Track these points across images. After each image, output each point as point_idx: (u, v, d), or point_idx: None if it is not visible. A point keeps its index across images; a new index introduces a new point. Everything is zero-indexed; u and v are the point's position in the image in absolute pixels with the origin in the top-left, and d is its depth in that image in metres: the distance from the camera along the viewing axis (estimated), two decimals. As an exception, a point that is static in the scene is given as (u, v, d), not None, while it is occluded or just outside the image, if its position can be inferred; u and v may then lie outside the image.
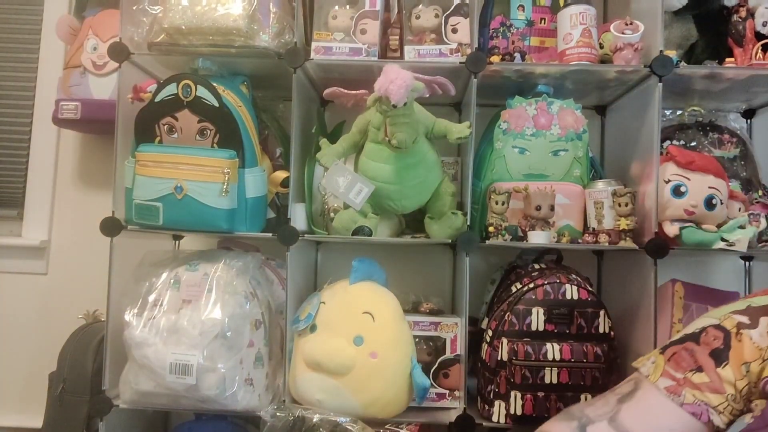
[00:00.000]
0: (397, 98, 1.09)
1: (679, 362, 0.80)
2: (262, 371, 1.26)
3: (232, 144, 1.20)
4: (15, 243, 1.67)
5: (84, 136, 1.69)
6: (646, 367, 0.83)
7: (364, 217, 1.25)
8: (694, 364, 0.79)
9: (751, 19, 1.30)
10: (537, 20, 1.43)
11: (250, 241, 1.41)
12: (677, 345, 0.82)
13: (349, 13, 1.31)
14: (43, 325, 1.65)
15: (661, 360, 0.82)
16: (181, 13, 1.20)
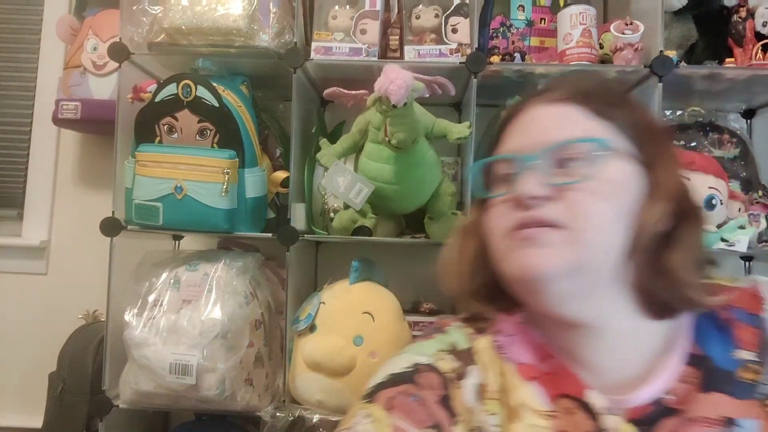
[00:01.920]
0: (397, 98, 1.08)
1: (408, 413, 0.61)
2: (262, 371, 1.26)
3: (232, 144, 1.20)
4: (15, 243, 1.67)
5: (84, 136, 1.69)
6: (362, 426, 0.60)
7: (364, 217, 1.25)
8: (429, 418, 0.61)
9: (751, 19, 1.30)
10: (537, 20, 1.43)
11: (250, 241, 1.41)
12: (390, 389, 0.63)
13: (349, 13, 1.31)
14: (43, 325, 1.65)
15: (380, 412, 0.61)
16: (181, 13, 1.20)
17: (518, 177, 0.60)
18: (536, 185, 0.59)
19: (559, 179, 0.59)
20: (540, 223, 0.58)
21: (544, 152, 0.60)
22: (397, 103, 1.10)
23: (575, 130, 0.61)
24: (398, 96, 1.08)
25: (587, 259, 0.57)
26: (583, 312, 0.60)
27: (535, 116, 0.65)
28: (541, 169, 0.59)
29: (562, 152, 0.60)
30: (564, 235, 0.57)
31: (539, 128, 0.63)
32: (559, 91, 0.65)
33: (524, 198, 0.59)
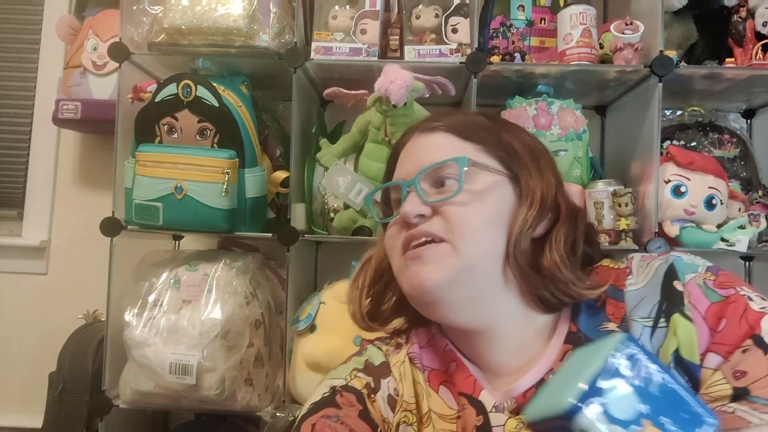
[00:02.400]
0: (397, 98, 1.09)
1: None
2: (262, 371, 1.26)
3: (232, 144, 1.20)
4: (15, 243, 1.67)
5: (84, 136, 1.69)
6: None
7: (364, 217, 1.25)
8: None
9: (751, 19, 1.30)
10: (537, 20, 1.43)
11: (250, 241, 1.41)
12: (311, 416, 0.67)
13: (349, 13, 1.31)
14: (43, 325, 1.65)
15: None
16: (181, 13, 1.20)
17: (403, 200, 0.68)
18: (416, 204, 0.65)
19: (434, 197, 0.66)
20: (424, 236, 0.64)
21: (418, 175, 0.67)
22: (397, 103, 1.10)
23: (444, 153, 0.68)
24: (398, 96, 1.08)
25: (469, 266, 0.63)
26: (476, 318, 0.66)
27: (413, 145, 0.72)
28: (419, 191, 0.66)
29: (435, 174, 0.67)
30: (446, 248, 0.63)
31: (415, 155, 0.70)
32: (433, 122, 0.72)
33: (407, 217, 0.65)
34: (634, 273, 0.65)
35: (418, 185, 0.67)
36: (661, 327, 0.60)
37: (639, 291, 0.63)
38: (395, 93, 1.08)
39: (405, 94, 1.09)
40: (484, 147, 0.69)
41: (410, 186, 0.67)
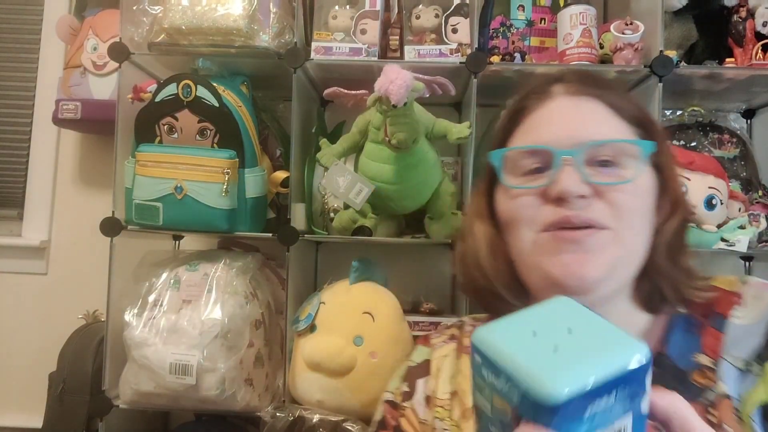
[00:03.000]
0: (397, 98, 1.08)
1: None
2: (262, 371, 1.26)
3: (232, 144, 1.20)
4: (15, 243, 1.67)
5: (84, 136, 1.69)
6: None
7: (364, 217, 1.25)
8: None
9: (751, 19, 1.30)
10: (537, 20, 1.43)
11: (250, 241, 1.41)
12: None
13: (349, 13, 1.31)
14: (43, 325, 1.65)
15: None
16: (181, 13, 1.20)
17: (554, 172, 0.59)
18: (578, 183, 0.58)
19: (599, 177, 0.58)
20: (588, 223, 0.57)
21: (583, 148, 0.58)
22: (397, 103, 1.10)
23: (605, 129, 0.61)
24: (398, 96, 1.08)
25: (627, 259, 0.58)
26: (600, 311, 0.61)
27: (562, 109, 0.63)
28: (577, 166, 0.58)
29: (598, 150, 0.59)
30: (609, 236, 0.57)
31: (569, 122, 0.61)
32: (579, 84, 0.64)
33: (567, 194, 0.57)
34: (746, 304, 0.60)
35: (580, 159, 0.58)
36: (754, 373, 0.55)
37: (745, 327, 0.58)
38: (395, 93, 1.08)
39: (405, 94, 1.09)
40: (636, 129, 0.63)
41: (567, 157, 0.59)
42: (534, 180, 0.61)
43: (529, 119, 0.65)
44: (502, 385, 0.36)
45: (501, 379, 0.36)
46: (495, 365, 0.37)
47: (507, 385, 0.36)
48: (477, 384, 0.40)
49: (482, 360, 0.38)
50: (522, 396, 0.35)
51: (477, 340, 0.39)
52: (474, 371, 0.40)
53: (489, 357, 0.37)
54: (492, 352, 0.38)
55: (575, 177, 0.58)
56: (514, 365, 0.36)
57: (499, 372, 0.37)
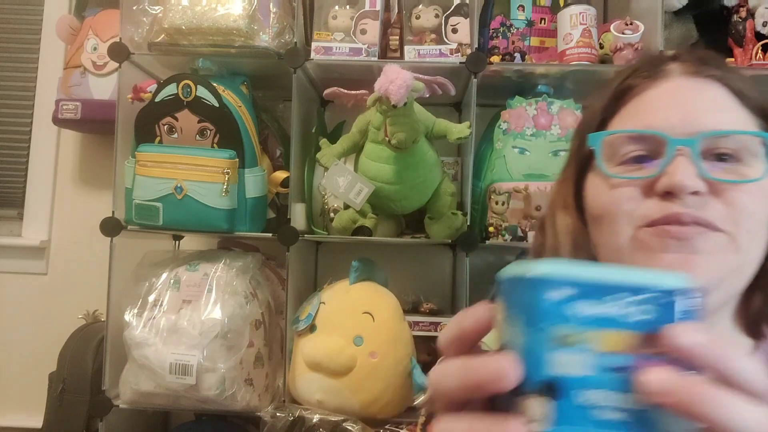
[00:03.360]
0: (397, 98, 1.08)
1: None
2: (262, 371, 1.26)
3: (232, 144, 1.20)
4: (15, 243, 1.67)
5: (84, 136, 1.68)
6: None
7: (364, 217, 1.25)
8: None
9: (751, 19, 1.30)
10: (537, 20, 1.43)
11: (250, 241, 1.41)
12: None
13: (349, 13, 1.31)
14: (43, 325, 1.65)
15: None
16: (181, 13, 1.20)
17: (664, 162, 0.51)
18: (694, 177, 0.50)
19: (722, 174, 0.51)
20: (699, 222, 0.50)
21: (700, 137, 0.51)
22: (397, 103, 1.10)
23: (729, 118, 0.53)
24: (398, 96, 1.08)
25: (741, 268, 0.52)
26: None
27: (678, 91, 0.55)
28: (693, 158, 0.51)
29: (718, 142, 0.52)
30: (723, 240, 0.50)
31: (686, 106, 0.53)
32: (699, 64, 0.56)
33: (680, 189, 0.50)
34: None
35: (698, 150, 0.51)
36: None
37: None
38: (395, 93, 1.08)
39: (405, 94, 1.09)
40: (760, 121, 0.55)
41: (682, 146, 0.51)
42: (636, 170, 0.54)
43: (636, 100, 0.56)
44: (620, 311, 0.29)
45: (616, 303, 0.29)
46: (605, 288, 0.29)
47: (633, 307, 0.29)
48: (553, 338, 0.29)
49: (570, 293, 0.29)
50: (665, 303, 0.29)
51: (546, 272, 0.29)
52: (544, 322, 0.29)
53: (588, 282, 0.29)
54: (589, 276, 0.29)
55: (690, 170, 0.50)
56: (634, 277, 0.30)
57: (612, 295, 0.29)
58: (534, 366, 0.29)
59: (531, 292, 0.29)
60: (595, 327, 0.29)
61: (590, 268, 0.30)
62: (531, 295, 0.29)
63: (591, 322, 0.29)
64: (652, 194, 0.52)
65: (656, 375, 0.28)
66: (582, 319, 0.29)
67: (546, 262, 0.30)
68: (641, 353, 0.29)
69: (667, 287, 0.30)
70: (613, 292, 0.29)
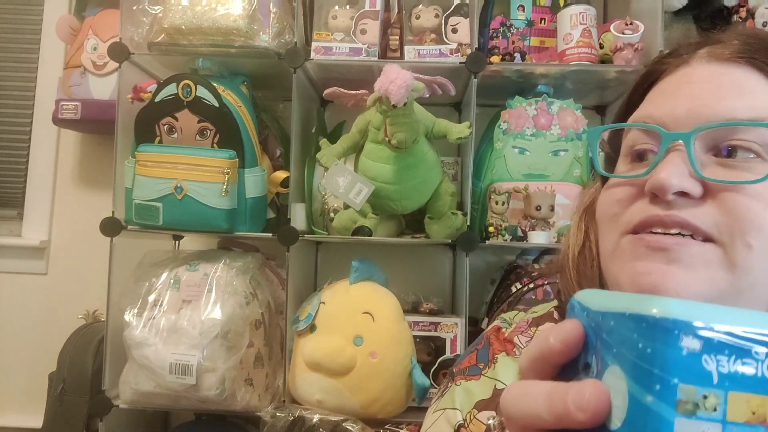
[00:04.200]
0: (397, 98, 1.08)
1: None
2: (262, 371, 1.26)
3: (232, 144, 1.20)
4: (15, 243, 1.67)
5: (84, 136, 1.69)
6: None
7: (364, 217, 1.25)
8: None
9: (751, 20, 1.30)
10: (537, 20, 1.43)
11: (250, 241, 1.41)
12: None
13: (349, 13, 1.31)
14: (43, 325, 1.65)
15: None
16: (181, 13, 1.20)
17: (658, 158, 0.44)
18: (681, 175, 0.42)
19: (713, 171, 0.43)
20: (683, 228, 0.43)
21: (697, 130, 0.43)
22: (397, 103, 1.10)
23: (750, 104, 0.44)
24: (398, 96, 1.08)
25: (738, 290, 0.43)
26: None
27: (695, 73, 0.47)
28: (692, 155, 0.43)
29: (722, 134, 0.44)
30: (713, 252, 0.42)
31: (697, 91, 0.45)
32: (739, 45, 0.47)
33: (662, 190, 0.42)
34: None
35: (692, 145, 0.43)
36: None
37: None
38: (395, 93, 1.08)
39: (405, 94, 1.09)
40: None
41: (677, 141, 0.44)
42: (637, 167, 0.47)
43: (655, 88, 0.49)
44: (760, 370, 0.23)
45: (757, 360, 0.23)
46: (745, 338, 0.23)
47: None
48: (680, 400, 0.23)
49: (709, 342, 0.23)
50: None
51: (677, 312, 0.23)
52: (677, 371, 0.23)
53: (725, 329, 0.23)
54: (742, 321, 0.23)
55: (680, 168, 0.43)
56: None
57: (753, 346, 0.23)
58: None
59: (661, 336, 0.23)
60: (733, 389, 0.23)
61: (730, 311, 0.24)
62: (660, 341, 0.23)
63: (729, 382, 0.23)
64: (641, 196, 0.45)
65: None
66: (720, 378, 0.23)
67: (678, 301, 0.24)
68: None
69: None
70: (762, 345, 0.23)
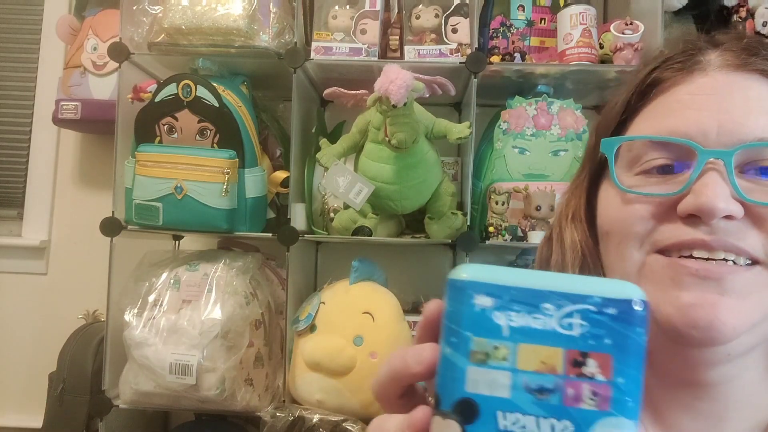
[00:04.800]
0: (397, 98, 1.08)
1: None
2: (262, 371, 1.26)
3: (232, 144, 1.20)
4: (15, 243, 1.67)
5: (84, 136, 1.68)
6: None
7: (364, 217, 1.25)
8: None
9: (751, 19, 1.30)
10: (537, 20, 1.43)
11: (250, 241, 1.41)
12: None
13: (349, 13, 1.31)
14: (43, 325, 1.65)
15: None
16: (181, 13, 1.20)
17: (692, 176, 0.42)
18: (728, 198, 0.41)
19: (755, 193, 0.42)
20: (729, 250, 0.42)
21: (738, 148, 0.42)
22: (397, 103, 1.10)
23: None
24: (398, 96, 1.08)
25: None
26: (724, 372, 0.45)
27: (715, 88, 0.44)
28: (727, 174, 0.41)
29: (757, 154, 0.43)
30: (761, 276, 0.42)
31: (723, 108, 0.43)
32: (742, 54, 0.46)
33: (710, 213, 0.41)
34: None
35: (734, 164, 0.42)
36: None
37: None
38: (395, 93, 1.08)
39: (405, 94, 1.09)
40: None
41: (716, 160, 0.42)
42: (658, 182, 0.45)
43: (664, 97, 0.46)
44: (555, 323, 0.26)
45: (552, 315, 0.26)
46: (541, 296, 0.27)
47: (569, 320, 0.26)
48: (475, 351, 0.27)
49: (499, 299, 0.27)
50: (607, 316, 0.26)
51: (475, 276, 0.27)
52: (466, 331, 0.27)
53: (522, 288, 0.27)
54: (524, 282, 0.27)
55: (723, 189, 0.41)
56: (569, 284, 0.27)
57: (548, 305, 0.26)
58: (450, 382, 0.26)
59: (456, 296, 0.27)
60: (524, 341, 0.26)
61: (528, 273, 0.27)
62: (456, 300, 0.27)
63: (521, 334, 0.26)
64: (672, 215, 0.43)
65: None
66: (511, 331, 0.26)
67: (478, 265, 0.28)
68: (571, 374, 0.26)
69: (611, 298, 0.26)
70: (550, 302, 0.26)
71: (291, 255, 1.25)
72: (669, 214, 0.43)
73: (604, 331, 0.26)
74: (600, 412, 0.26)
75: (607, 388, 0.26)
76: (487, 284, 0.27)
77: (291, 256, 1.25)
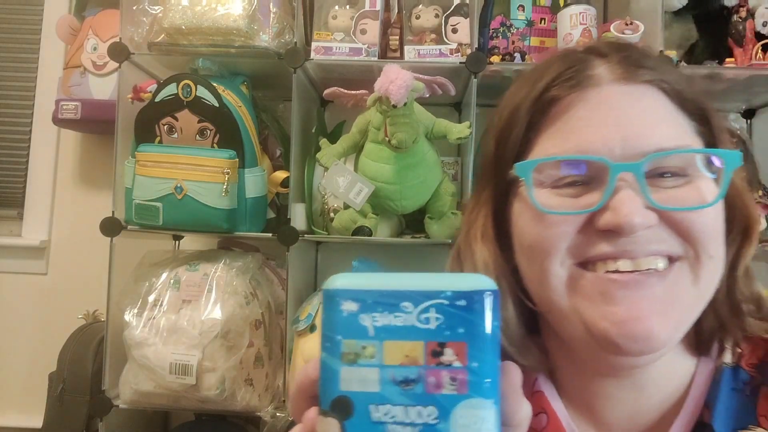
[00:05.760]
0: (397, 98, 1.08)
1: None
2: (262, 371, 1.26)
3: (232, 144, 1.20)
4: (15, 243, 1.67)
5: (84, 136, 1.68)
6: None
7: (364, 217, 1.25)
8: None
9: (751, 19, 1.30)
10: (537, 20, 1.43)
11: (250, 241, 1.41)
12: None
13: (349, 13, 1.31)
14: (43, 325, 1.65)
15: None
16: (181, 13, 1.20)
17: (606, 192, 0.44)
18: (642, 211, 0.43)
19: (661, 197, 0.44)
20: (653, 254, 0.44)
21: (645, 160, 0.44)
22: (397, 103, 1.10)
23: (672, 130, 0.46)
24: (398, 96, 1.08)
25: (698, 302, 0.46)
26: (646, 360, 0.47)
27: (611, 102, 0.47)
28: (645, 187, 0.44)
29: (663, 162, 0.45)
30: (685, 271, 0.45)
31: (623, 121, 0.46)
32: (628, 64, 0.48)
33: (632, 228, 0.43)
34: None
35: (643, 175, 0.44)
36: None
37: None
38: (395, 93, 1.08)
39: (405, 94, 1.09)
40: (696, 126, 0.48)
41: (626, 173, 0.44)
42: (572, 195, 0.46)
43: (564, 115, 0.48)
44: (412, 319, 0.29)
45: (409, 312, 0.30)
46: (399, 296, 0.30)
47: (425, 315, 0.29)
48: (346, 352, 0.30)
49: (364, 303, 0.30)
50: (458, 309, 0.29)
51: (339, 282, 0.31)
52: (340, 330, 0.30)
53: (383, 291, 0.30)
54: (384, 285, 0.30)
55: (638, 203, 0.43)
56: (426, 283, 0.31)
57: (405, 303, 0.30)
58: (328, 383, 0.29)
59: (328, 304, 0.30)
60: (388, 338, 0.29)
61: (392, 276, 0.31)
62: (328, 308, 0.30)
63: (385, 333, 0.29)
64: (591, 229, 0.45)
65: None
66: (376, 330, 0.29)
67: (349, 274, 0.31)
68: (431, 364, 0.29)
69: (462, 291, 0.30)
70: (409, 300, 0.30)
71: (291, 255, 1.25)
72: (588, 227, 0.45)
73: (458, 322, 0.29)
74: (459, 395, 0.29)
75: (464, 373, 0.29)
76: (353, 290, 0.30)
77: (291, 256, 1.25)
